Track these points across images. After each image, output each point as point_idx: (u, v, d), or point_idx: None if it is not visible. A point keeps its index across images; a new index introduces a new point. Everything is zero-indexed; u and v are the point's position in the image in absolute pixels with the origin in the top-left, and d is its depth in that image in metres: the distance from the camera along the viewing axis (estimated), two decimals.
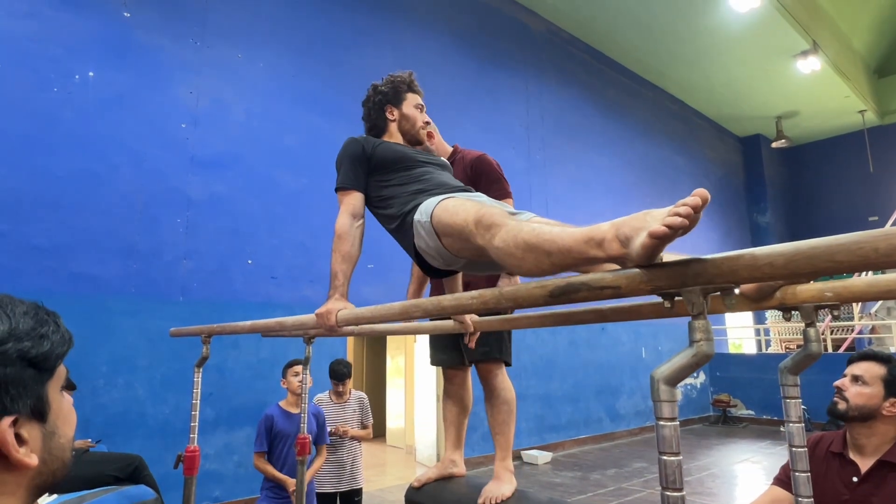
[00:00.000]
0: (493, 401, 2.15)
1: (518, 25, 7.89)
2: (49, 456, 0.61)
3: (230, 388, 4.62)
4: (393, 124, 1.87)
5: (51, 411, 0.61)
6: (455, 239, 1.33)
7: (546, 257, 0.97)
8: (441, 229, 1.37)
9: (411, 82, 1.91)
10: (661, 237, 0.71)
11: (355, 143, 1.71)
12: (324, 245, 5.45)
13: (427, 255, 1.49)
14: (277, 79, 5.41)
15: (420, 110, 1.89)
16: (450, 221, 1.32)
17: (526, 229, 1.04)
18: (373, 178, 1.68)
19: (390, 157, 1.68)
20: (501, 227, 1.11)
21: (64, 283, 3.98)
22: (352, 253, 1.62)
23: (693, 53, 9.40)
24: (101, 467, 2.63)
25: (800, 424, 1.06)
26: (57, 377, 0.64)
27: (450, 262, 1.46)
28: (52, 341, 0.62)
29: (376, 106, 1.88)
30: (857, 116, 11.68)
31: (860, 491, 1.58)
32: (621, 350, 8.49)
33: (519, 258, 1.04)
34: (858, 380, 1.64)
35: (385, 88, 1.88)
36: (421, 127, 1.88)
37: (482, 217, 1.18)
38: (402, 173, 1.65)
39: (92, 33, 4.36)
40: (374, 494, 5.24)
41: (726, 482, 5.64)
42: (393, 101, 1.87)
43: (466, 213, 1.25)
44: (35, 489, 0.61)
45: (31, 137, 4.00)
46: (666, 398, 0.66)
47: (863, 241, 0.55)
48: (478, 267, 1.52)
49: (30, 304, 0.64)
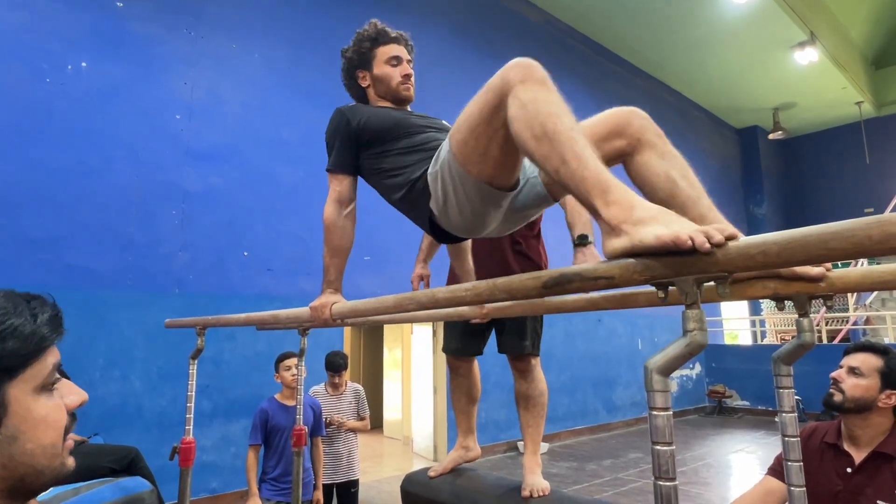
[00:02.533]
0: (531, 393, 2.10)
1: (516, 17, 7.85)
2: (11, 462, 0.57)
3: (227, 380, 4.62)
4: (370, 90, 1.64)
5: (9, 415, 0.56)
6: (480, 141, 1.09)
7: (560, 163, 0.87)
8: (462, 146, 1.14)
9: (377, 34, 1.64)
10: (681, 245, 0.66)
11: (340, 115, 1.51)
12: (320, 237, 5.42)
13: (444, 216, 1.29)
14: (273, 70, 5.38)
15: (395, 63, 1.61)
16: (470, 122, 1.10)
17: (560, 118, 0.91)
18: (369, 151, 1.48)
19: (385, 126, 1.46)
20: (533, 92, 0.95)
21: (59, 276, 3.96)
22: (342, 245, 1.51)
23: (690, 45, 9.37)
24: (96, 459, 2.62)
25: (793, 414, 1.06)
26: (26, 377, 0.58)
27: (475, 211, 1.23)
28: (16, 337, 0.57)
29: (347, 74, 1.67)
30: (854, 108, 11.68)
31: (854, 481, 1.59)
32: (618, 342, 8.52)
33: (531, 139, 0.91)
34: (855, 371, 1.64)
35: (349, 53, 1.66)
36: (400, 82, 1.60)
37: (508, 80, 1.00)
38: (404, 140, 1.43)
39: (85, 24, 4.32)
40: (371, 485, 5.26)
41: (721, 472, 5.68)
42: (361, 65, 1.64)
43: (485, 100, 1.05)
44: (1, 494, 0.58)
45: (25, 129, 3.97)
46: (659, 388, 0.66)
47: (856, 228, 0.55)
48: (512, 214, 1.30)
49: (2, 294, 0.60)
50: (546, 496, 1.83)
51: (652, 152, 1.12)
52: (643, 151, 1.12)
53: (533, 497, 1.82)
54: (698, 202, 1.06)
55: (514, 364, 2.14)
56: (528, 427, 2.10)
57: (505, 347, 2.15)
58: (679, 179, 1.08)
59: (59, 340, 0.63)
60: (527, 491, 1.84)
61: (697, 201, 1.06)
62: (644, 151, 1.12)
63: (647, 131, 1.13)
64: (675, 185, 1.08)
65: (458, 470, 2.18)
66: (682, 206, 1.06)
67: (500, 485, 1.99)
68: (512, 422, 6.50)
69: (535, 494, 1.82)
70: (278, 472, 3.08)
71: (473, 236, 1.41)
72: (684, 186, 1.08)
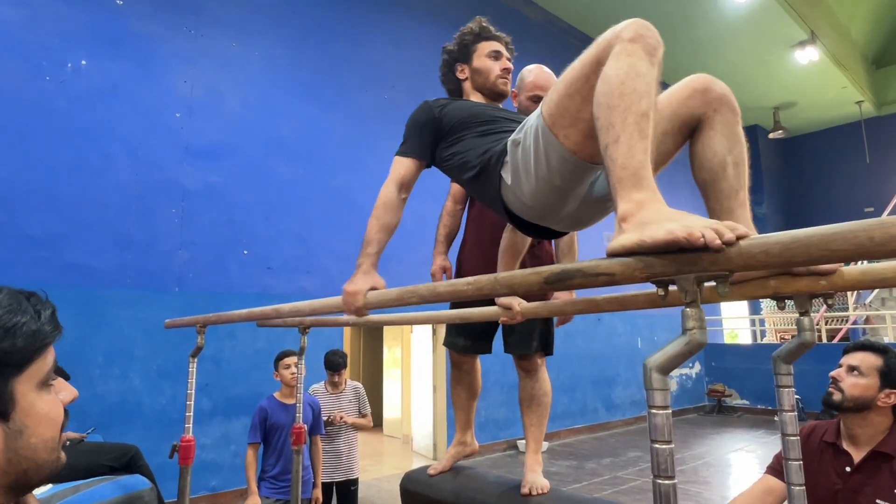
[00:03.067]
0: (536, 393, 2.10)
1: (516, 15, 7.84)
2: (16, 456, 0.58)
3: (227, 378, 4.63)
4: (466, 83, 1.69)
5: (16, 410, 0.58)
6: (574, 100, 1.05)
7: (613, 141, 0.86)
8: (554, 107, 1.09)
9: (481, 30, 1.69)
10: (694, 242, 0.66)
11: (423, 106, 1.53)
12: (320, 235, 5.46)
13: (517, 191, 1.23)
14: (273, 69, 5.38)
15: (495, 57, 1.66)
16: (568, 79, 1.06)
17: (641, 99, 0.87)
18: (447, 139, 1.47)
19: (463, 115, 1.46)
20: (635, 58, 0.91)
21: (59, 274, 3.96)
22: (392, 223, 1.46)
23: (691, 43, 9.36)
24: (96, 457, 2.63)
25: (793, 413, 1.06)
26: (31, 373, 0.60)
27: (552, 186, 1.16)
28: (23, 334, 0.58)
29: (446, 67, 1.72)
30: (855, 107, 11.67)
31: (853, 480, 1.59)
32: (617, 341, 8.52)
33: (605, 105, 0.89)
34: (854, 370, 1.64)
35: (451, 47, 1.71)
36: (498, 76, 1.65)
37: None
38: (482, 127, 1.42)
39: (84, 21, 4.32)
40: (371, 483, 5.26)
41: (720, 471, 5.68)
42: (461, 58, 1.69)
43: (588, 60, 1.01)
44: (3, 489, 0.59)
45: (24, 127, 3.96)
46: (658, 386, 0.66)
47: (858, 229, 0.55)
48: (588, 203, 1.24)
49: (5, 292, 0.61)
50: (545, 494, 1.83)
51: (721, 128, 1.09)
52: (714, 125, 1.09)
53: (532, 495, 1.82)
54: (735, 195, 1.05)
55: (520, 364, 2.13)
56: (531, 426, 2.09)
57: (512, 347, 2.14)
58: (731, 166, 1.07)
59: (59, 338, 0.64)
60: (526, 489, 1.84)
61: (735, 194, 1.05)
62: (715, 125, 1.09)
63: (725, 103, 1.10)
64: (724, 169, 1.06)
65: (457, 468, 2.18)
66: (720, 193, 1.06)
67: (500, 483, 1.99)
68: (511, 420, 6.51)
69: (535, 492, 1.82)
70: (277, 471, 3.08)
71: (545, 221, 1.29)
72: (731, 175, 1.06)
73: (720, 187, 1.06)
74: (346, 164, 5.72)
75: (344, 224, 5.53)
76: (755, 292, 1.04)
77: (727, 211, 1.04)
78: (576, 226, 1.35)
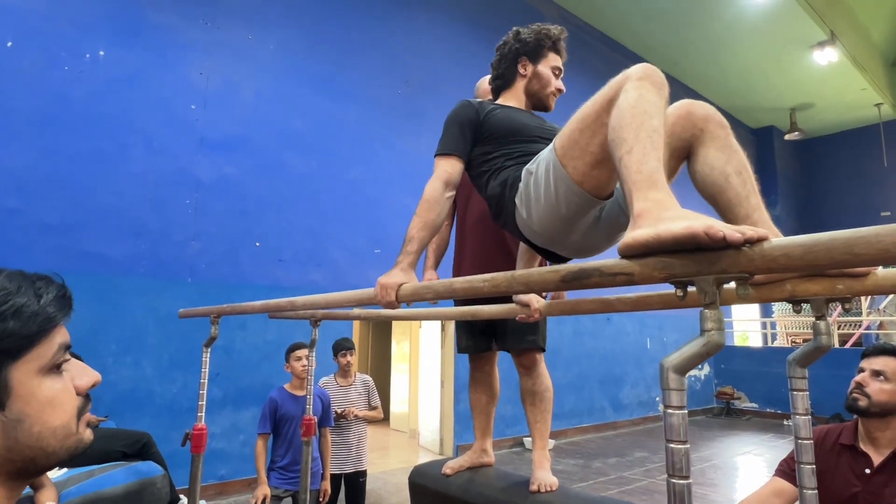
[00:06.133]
0: (537, 388, 2.09)
1: (531, 11, 7.80)
2: (17, 445, 0.55)
3: (237, 368, 4.67)
4: (521, 80, 1.67)
5: (12, 398, 0.55)
6: (584, 135, 1.13)
7: (627, 152, 0.91)
8: (566, 141, 1.17)
9: (558, 40, 1.67)
10: (713, 235, 0.65)
11: (468, 106, 1.53)
12: (331, 229, 5.48)
13: (528, 218, 1.30)
14: (288, 61, 5.39)
15: (557, 74, 1.67)
16: (581, 117, 1.14)
17: (651, 118, 0.93)
18: (484, 147, 1.50)
19: (505, 128, 1.49)
20: (644, 89, 0.98)
21: (74, 262, 4.01)
22: (436, 222, 1.43)
23: (708, 43, 9.27)
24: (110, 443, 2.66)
25: (807, 417, 1.06)
26: (31, 358, 0.56)
27: (560, 215, 1.23)
28: (18, 318, 0.55)
29: (510, 54, 1.67)
30: (874, 110, 11.51)
31: (873, 482, 1.59)
32: (626, 340, 8.49)
33: (618, 125, 0.95)
34: (880, 375, 1.63)
35: (526, 37, 1.65)
36: (552, 92, 1.67)
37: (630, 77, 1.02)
38: (518, 146, 1.46)
39: (103, 12, 4.35)
40: (378, 477, 5.30)
41: (728, 473, 5.66)
42: (530, 55, 1.66)
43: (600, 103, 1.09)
44: (8, 476, 0.57)
45: (42, 115, 4.01)
46: (675, 386, 0.66)
47: (883, 234, 0.54)
48: (596, 228, 1.30)
49: (4, 275, 0.58)
50: (553, 492, 1.83)
51: (713, 144, 1.11)
52: (706, 143, 1.12)
53: (541, 492, 1.82)
54: (746, 200, 1.06)
55: (518, 360, 2.13)
56: (535, 423, 2.09)
57: (508, 344, 2.14)
58: (732, 175, 1.08)
59: (66, 320, 0.61)
60: (535, 486, 1.84)
61: (745, 199, 1.06)
62: (707, 143, 1.12)
63: (710, 121, 1.13)
64: (727, 179, 1.08)
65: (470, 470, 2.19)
66: (729, 202, 1.06)
67: (508, 479, 2.00)
68: (517, 417, 6.51)
69: (544, 490, 1.83)
70: (287, 461, 3.11)
71: (553, 247, 1.37)
72: (735, 183, 1.07)
73: (727, 197, 1.07)
74: (360, 157, 5.73)
75: (356, 218, 5.55)
76: (772, 295, 1.04)
77: (742, 218, 1.05)
78: (580, 254, 1.42)
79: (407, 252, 1.39)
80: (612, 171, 1.16)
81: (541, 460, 1.97)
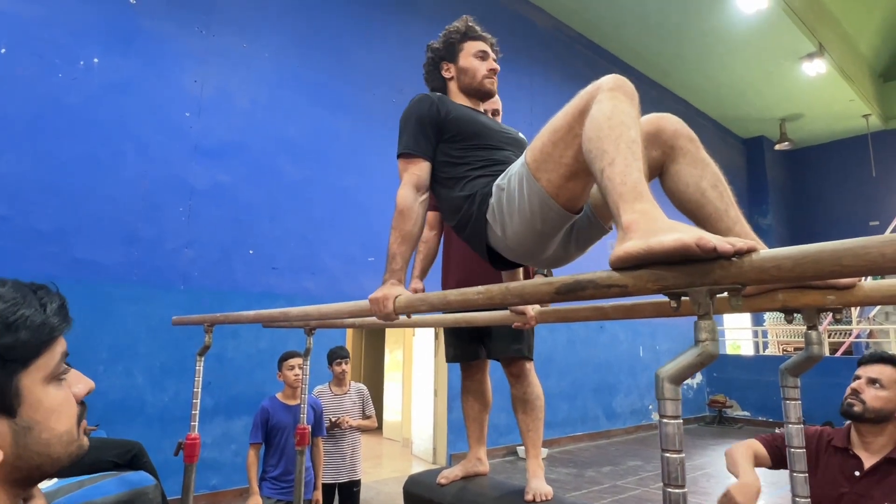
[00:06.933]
0: (527, 397, 2.09)
1: (524, 22, 7.87)
2: (26, 452, 0.57)
3: (229, 377, 4.64)
4: (452, 82, 1.66)
5: (23, 406, 0.56)
6: (557, 147, 1.12)
7: (608, 164, 0.90)
8: (538, 153, 1.16)
9: (467, 29, 1.69)
10: (704, 246, 0.66)
11: (426, 101, 1.48)
12: (325, 236, 5.48)
13: (501, 233, 1.28)
14: (282, 69, 5.41)
15: (482, 58, 1.66)
16: (552, 128, 1.13)
17: (629, 129, 0.94)
18: (446, 147, 1.46)
19: (469, 130, 1.45)
20: (618, 100, 0.99)
21: (66, 269, 3.99)
22: (413, 232, 1.40)
23: (699, 54, 9.38)
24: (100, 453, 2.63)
25: (799, 426, 1.07)
26: (37, 367, 0.58)
27: (534, 229, 1.22)
28: (27, 328, 0.57)
29: (430, 66, 1.70)
30: (861, 120, 11.66)
31: (861, 484, 1.63)
32: (619, 349, 8.51)
33: (595, 137, 0.95)
34: (876, 383, 1.67)
35: (437, 44, 1.70)
36: (485, 76, 1.64)
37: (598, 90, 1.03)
38: (482, 153, 1.43)
39: (97, 19, 4.36)
40: (371, 486, 5.26)
41: (720, 482, 5.66)
42: (447, 57, 1.67)
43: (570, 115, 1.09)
44: (14, 483, 0.58)
45: (36, 122, 4.00)
46: (670, 396, 0.67)
47: (870, 245, 0.56)
48: (569, 240, 1.30)
49: (9, 285, 0.59)
50: (548, 501, 1.83)
51: (684, 160, 1.11)
52: (677, 159, 1.12)
53: (536, 501, 1.82)
54: (725, 214, 1.06)
55: (508, 369, 2.13)
56: (527, 431, 2.09)
57: (496, 352, 2.14)
58: (709, 189, 1.08)
59: (67, 330, 0.63)
60: (530, 495, 1.84)
61: (725, 213, 1.06)
62: (678, 159, 1.11)
63: (679, 137, 1.12)
64: (703, 195, 1.08)
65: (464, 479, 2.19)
66: (709, 217, 1.06)
67: (503, 488, 2.00)
68: (511, 426, 6.50)
69: (538, 499, 1.83)
70: (279, 471, 3.09)
71: (528, 262, 1.36)
72: (713, 197, 1.07)
73: (707, 212, 1.07)
74: (353, 165, 5.74)
75: (349, 226, 5.55)
76: (764, 305, 1.05)
77: (724, 231, 1.05)
78: (555, 265, 1.42)
79: (392, 270, 1.36)
80: (586, 184, 1.16)
81: (535, 469, 1.98)
